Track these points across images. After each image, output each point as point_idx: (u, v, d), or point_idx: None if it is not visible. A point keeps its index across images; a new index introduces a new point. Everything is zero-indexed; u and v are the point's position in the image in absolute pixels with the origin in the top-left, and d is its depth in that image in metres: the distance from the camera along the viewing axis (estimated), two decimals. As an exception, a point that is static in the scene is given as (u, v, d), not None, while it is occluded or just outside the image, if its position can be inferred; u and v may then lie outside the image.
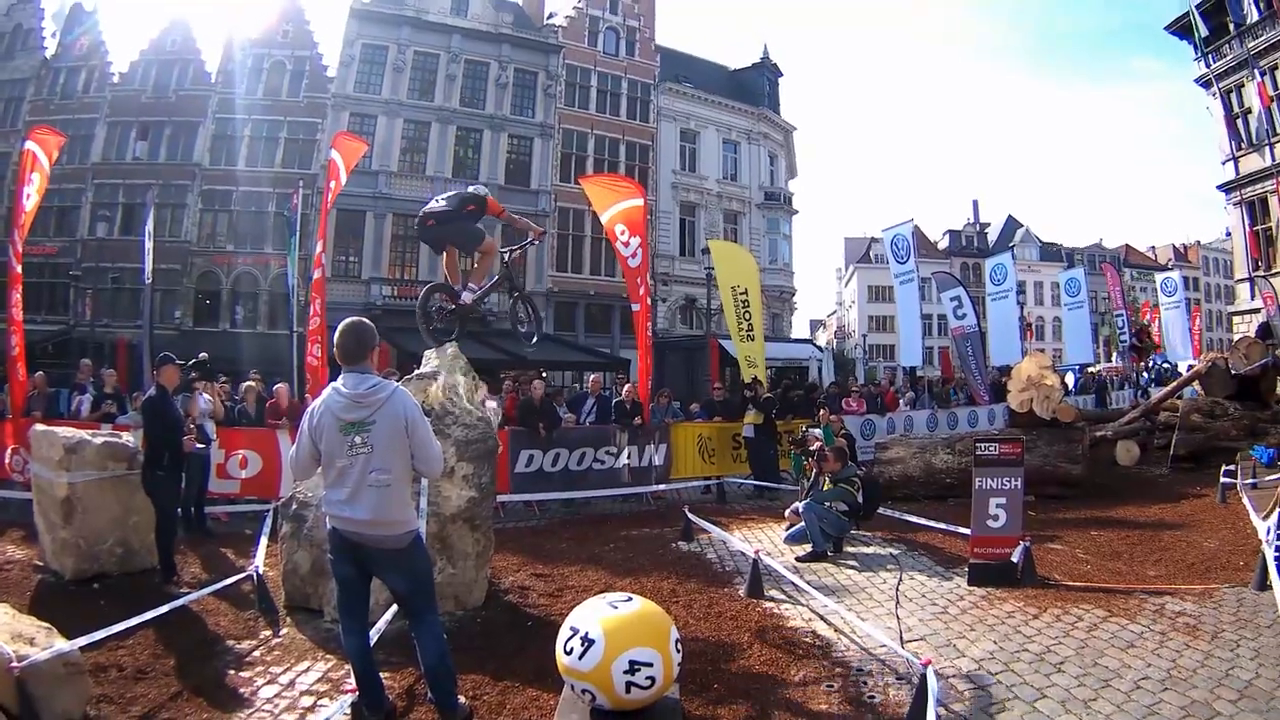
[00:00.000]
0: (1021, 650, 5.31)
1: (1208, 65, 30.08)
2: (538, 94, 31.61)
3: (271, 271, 27.78)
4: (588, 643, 3.42)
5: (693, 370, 26.45)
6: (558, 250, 31.25)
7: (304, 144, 29.02)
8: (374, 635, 4.50)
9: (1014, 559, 6.66)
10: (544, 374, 20.22)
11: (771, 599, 6.37)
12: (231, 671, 4.97)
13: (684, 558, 8.08)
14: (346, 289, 26.92)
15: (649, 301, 12.81)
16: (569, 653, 3.48)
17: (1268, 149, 28.16)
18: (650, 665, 3.39)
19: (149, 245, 16.64)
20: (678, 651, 3.56)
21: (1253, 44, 28.01)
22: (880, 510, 8.96)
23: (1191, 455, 12.81)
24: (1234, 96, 29.59)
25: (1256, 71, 27.65)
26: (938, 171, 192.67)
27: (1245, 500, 9.45)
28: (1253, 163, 29.23)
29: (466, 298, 7.01)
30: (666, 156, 33.91)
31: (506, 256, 7.47)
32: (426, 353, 6.58)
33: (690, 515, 8.80)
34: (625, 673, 3.36)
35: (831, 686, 4.67)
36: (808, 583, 6.40)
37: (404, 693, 4.52)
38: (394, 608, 4.94)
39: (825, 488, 8.60)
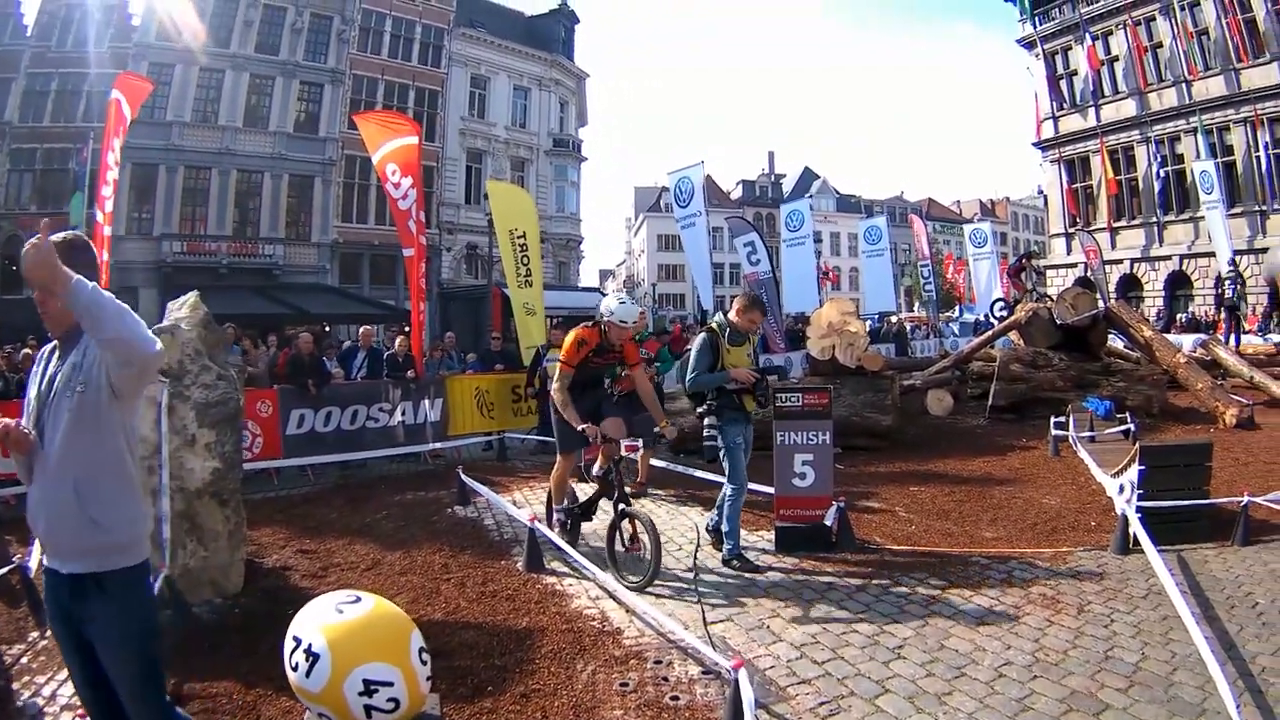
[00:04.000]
0: (850, 631, 5.22)
1: (1035, 27, 36.08)
2: (331, 39, 34.80)
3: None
4: (313, 657, 3.20)
5: (479, 321, 27.38)
6: (343, 200, 34.88)
7: (105, 96, 28.36)
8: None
9: (827, 521, 6.84)
10: (327, 328, 21.75)
11: (553, 572, 6.49)
12: (-9, 681, 4.50)
13: (459, 525, 8.35)
14: (140, 247, 29.86)
15: (422, 243, 13.61)
16: (295, 669, 3.25)
17: (1091, 110, 34.37)
18: (390, 685, 3.20)
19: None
20: (423, 663, 3.36)
21: (1086, 9, 33.74)
22: (675, 467, 9.55)
23: (1012, 406, 13.80)
24: (1059, 59, 35.95)
25: (1088, 35, 33.44)
26: (737, 124, 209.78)
27: (1084, 454, 9.94)
28: (1074, 123, 35.60)
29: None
30: (456, 103, 38.27)
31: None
32: (169, 305, 6.70)
33: (464, 477, 9.07)
34: (361, 694, 3.16)
35: (626, 685, 4.48)
36: (594, 550, 6.61)
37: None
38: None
39: None
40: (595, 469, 6.67)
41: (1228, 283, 20.92)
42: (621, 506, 6.16)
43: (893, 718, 4.09)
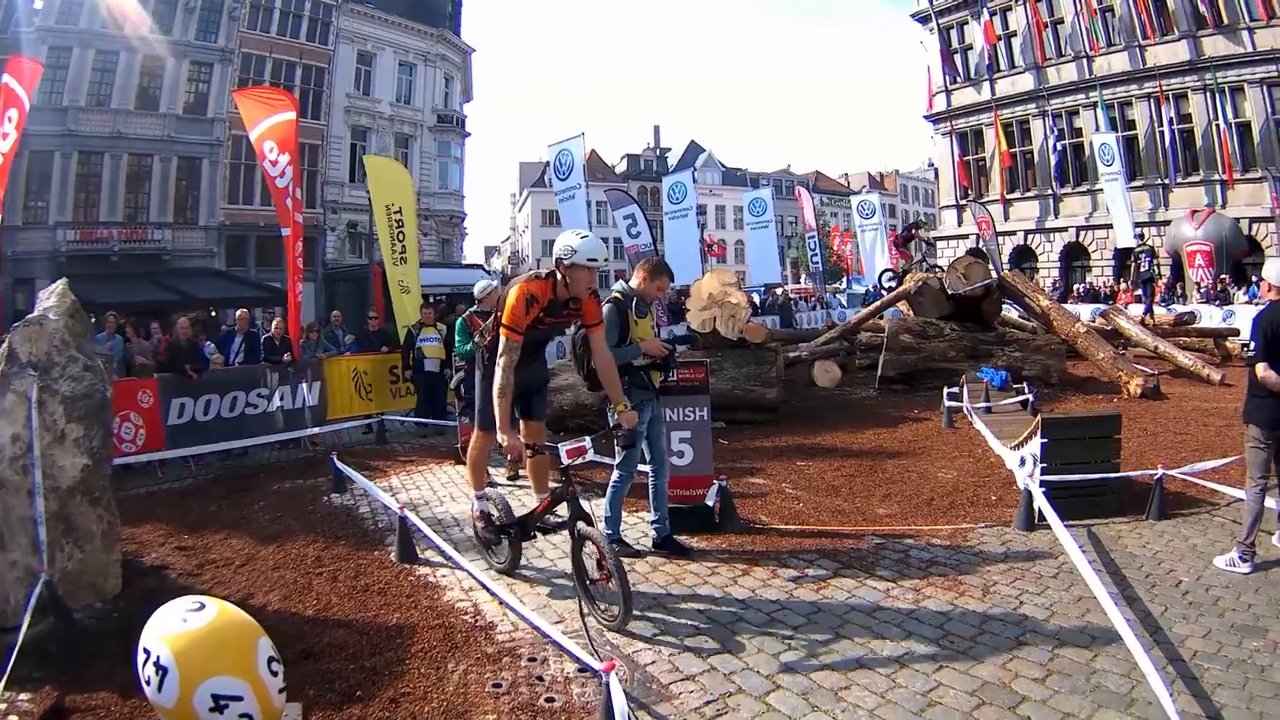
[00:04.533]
0: (736, 620, 4.98)
1: (931, 2, 37.30)
2: (223, 17, 34.54)
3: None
4: (161, 671, 3.19)
5: (364, 301, 27.40)
6: (230, 181, 34.74)
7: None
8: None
9: (709, 501, 6.66)
10: (213, 313, 22.28)
11: (426, 563, 6.34)
12: None
13: (335, 514, 8.22)
14: (38, 236, 29.69)
15: (299, 221, 13.80)
16: (148, 683, 3.25)
17: (986, 84, 35.82)
18: (240, 699, 3.19)
19: None
20: (273, 673, 3.32)
21: None
22: (550, 445, 8.72)
23: (903, 377, 13.81)
24: (954, 33, 37.28)
25: (986, 10, 34.77)
26: (624, 98, 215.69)
27: (980, 425, 9.89)
28: (968, 96, 36.96)
29: None
30: (342, 80, 38.52)
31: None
32: (40, 293, 6.61)
33: (338, 464, 8.98)
34: (212, 710, 3.15)
35: (500, 686, 4.29)
36: (468, 538, 6.59)
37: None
38: (31, 605, 4.93)
39: None
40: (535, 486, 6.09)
41: (1143, 255, 21.42)
42: (580, 526, 5.03)
43: (786, 717, 3.83)
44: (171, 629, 3.36)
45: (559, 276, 5.30)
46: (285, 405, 12.49)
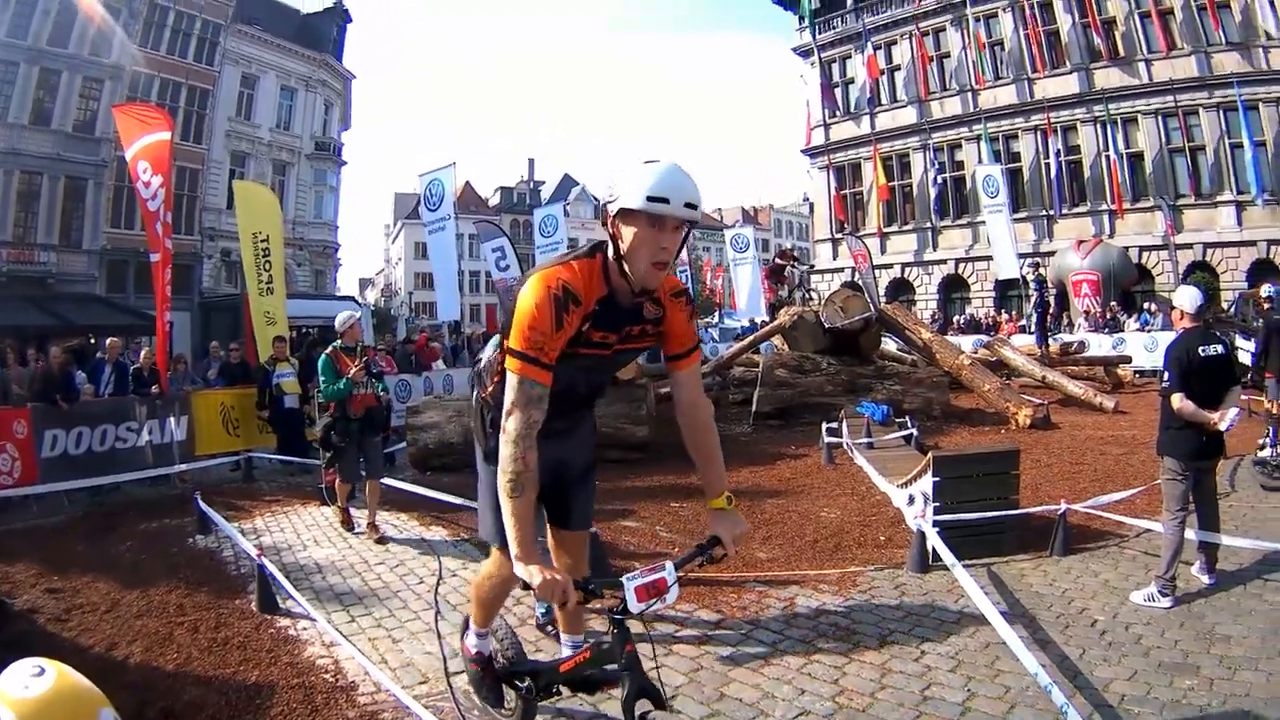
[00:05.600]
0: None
1: (813, 36, 38.83)
2: (117, 32, 34.12)
3: None
4: None
5: (238, 330, 26.62)
6: (112, 204, 34.10)
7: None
8: None
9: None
10: (92, 340, 21.90)
11: (287, 614, 6.17)
12: None
13: (198, 557, 8.15)
14: None
15: (169, 247, 13.77)
16: None
17: (866, 118, 37.34)
18: None
19: None
20: None
21: (871, 19, 36.89)
22: (416, 489, 9.26)
23: (778, 412, 13.84)
24: (835, 67, 38.92)
25: (869, 45, 36.40)
26: (502, 131, 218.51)
27: (862, 462, 9.79)
28: (846, 130, 38.52)
29: None
30: (225, 103, 38.49)
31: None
32: None
33: (201, 504, 8.96)
34: None
35: None
36: (331, 587, 6.71)
37: None
38: None
39: None
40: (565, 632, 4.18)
41: (1032, 284, 22.05)
42: (637, 683, 2.97)
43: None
44: (15, 694, 2.59)
45: (610, 252, 2.97)
46: (154, 440, 12.46)
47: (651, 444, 11.68)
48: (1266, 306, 12.57)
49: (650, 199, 2.75)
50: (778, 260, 21.83)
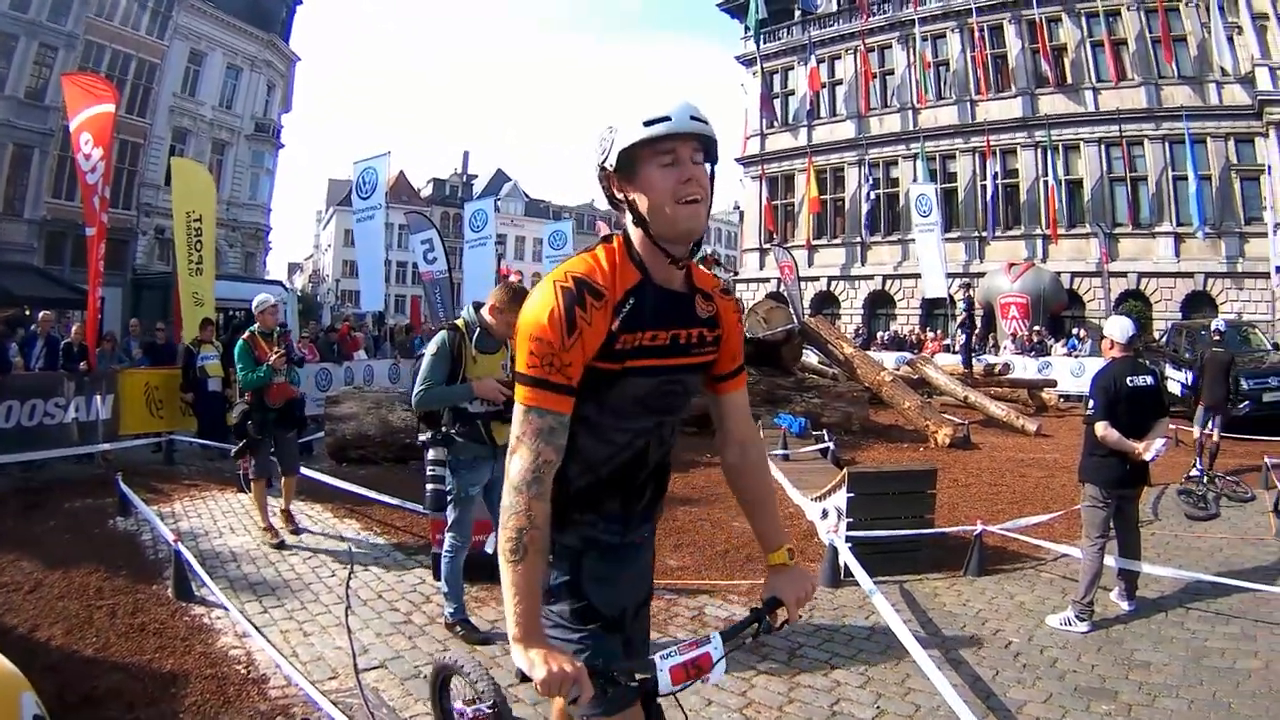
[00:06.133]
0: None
1: (758, 46, 39.14)
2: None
3: None
4: None
5: (169, 309, 26.25)
6: (55, 173, 33.95)
7: None
8: None
9: (488, 549, 6.26)
10: (27, 312, 21.85)
11: (202, 601, 6.17)
12: None
13: (119, 540, 8.13)
14: None
15: (104, 221, 13.87)
16: None
17: (804, 130, 37.76)
18: None
19: None
20: None
21: (817, 33, 37.37)
22: (332, 481, 9.42)
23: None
24: (777, 78, 39.41)
25: (813, 57, 36.83)
26: (440, 123, 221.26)
27: (777, 473, 9.73)
28: (783, 141, 38.88)
29: None
30: (172, 78, 38.34)
31: None
32: None
33: (122, 486, 8.92)
34: None
35: None
36: (245, 576, 6.77)
37: None
38: None
39: None
40: None
41: (960, 303, 22.39)
42: None
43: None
44: None
45: (630, 224, 2.29)
46: (80, 417, 12.44)
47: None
48: (1216, 338, 12.90)
49: (648, 122, 2.15)
50: (704, 262, 22.00)
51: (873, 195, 34.67)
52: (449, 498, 5.41)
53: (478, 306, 5.47)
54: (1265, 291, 26.52)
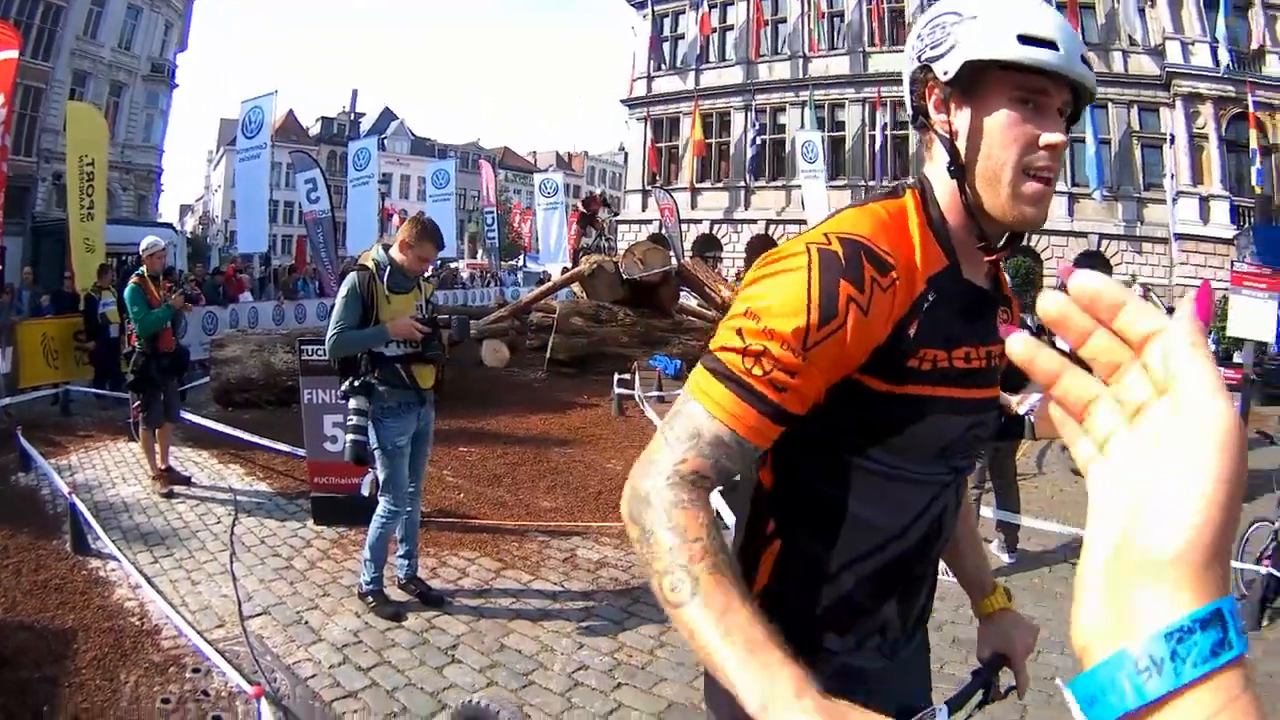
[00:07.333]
0: (395, 628, 4.93)
1: None
2: None
3: None
4: None
5: (66, 258, 25.55)
6: None
7: None
8: None
9: (363, 491, 6.32)
10: None
11: (98, 554, 6.19)
12: None
13: (21, 495, 8.04)
14: None
15: (4, 170, 13.18)
16: None
17: (692, 74, 37.69)
18: None
19: None
20: None
21: None
22: (212, 424, 9.35)
23: (573, 360, 14.09)
24: (668, 21, 39.19)
25: (706, 3, 36.79)
26: (331, 60, 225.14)
27: (651, 415, 10.11)
28: (670, 84, 38.73)
29: None
30: (75, 20, 37.40)
31: None
32: None
33: (22, 441, 8.88)
34: None
35: (168, 701, 4.19)
36: (137, 526, 6.77)
37: None
38: None
39: None
40: None
41: None
42: None
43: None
44: None
45: (939, 177, 1.45)
46: None
47: (444, 384, 11.59)
48: None
49: (1025, 38, 1.31)
50: (590, 206, 22.04)
51: (758, 141, 34.77)
52: (376, 454, 5.02)
53: (386, 247, 5.27)
54: (1164, 256, 27.51)
